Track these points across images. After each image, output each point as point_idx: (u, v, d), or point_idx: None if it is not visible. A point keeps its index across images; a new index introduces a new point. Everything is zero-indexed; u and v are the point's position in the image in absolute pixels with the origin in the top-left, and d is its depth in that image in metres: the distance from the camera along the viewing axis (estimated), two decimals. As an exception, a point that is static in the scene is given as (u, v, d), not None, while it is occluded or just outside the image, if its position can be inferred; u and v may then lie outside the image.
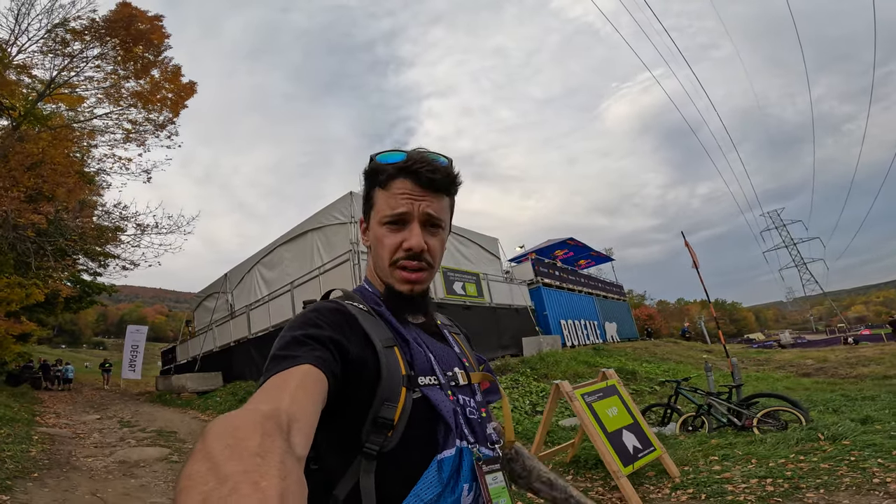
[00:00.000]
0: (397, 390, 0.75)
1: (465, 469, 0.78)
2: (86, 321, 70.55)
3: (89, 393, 18.47)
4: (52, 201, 11.31)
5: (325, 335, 0.72)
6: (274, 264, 12.97)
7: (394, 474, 0.73)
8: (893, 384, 10.03)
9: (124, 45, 14.25)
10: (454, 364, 0.89)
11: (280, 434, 0.46)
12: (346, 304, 0.83)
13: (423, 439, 0.77)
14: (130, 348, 20.46)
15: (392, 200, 0.85)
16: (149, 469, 5.36)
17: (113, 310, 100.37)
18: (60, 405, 12.90)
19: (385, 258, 0.86)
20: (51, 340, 53.03)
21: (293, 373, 0.63)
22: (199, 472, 0.36)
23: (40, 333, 21.56)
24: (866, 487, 3.26)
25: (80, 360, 54.13)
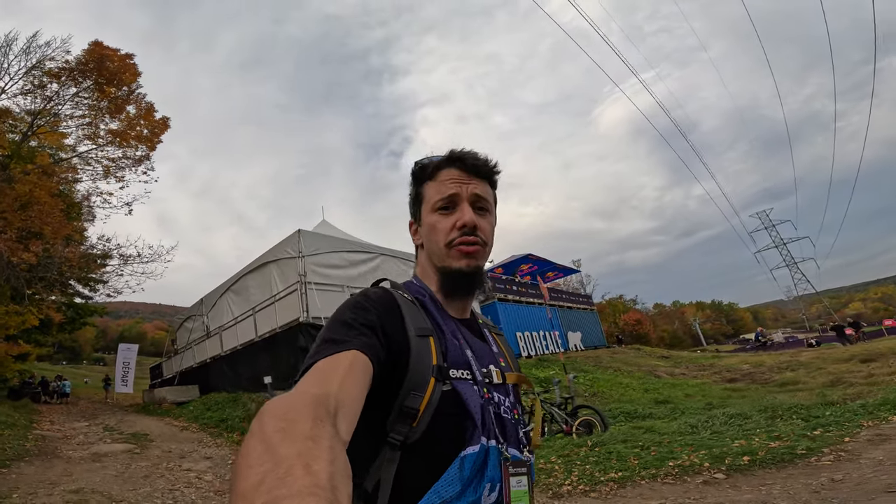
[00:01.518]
0: (426, 380, 0.77)
1: (490, 469, 0.78)
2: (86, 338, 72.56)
3: (84, 405, 20.37)
4: (41, 238, 13.14)
5: (373, 320, 0.77)
6: (240, 291, 14.83)
7: (417, 467, 0.74)
8: (789, 390, 11.71)
9: (98, 85, 16.00)
10: (490, 361, 0.91)
11: (329, 419, 0.50)
12: (392, 291, 0.89)
13: (449, 433, 0.77)
14: (122, 364, 22.45)
15: (441, 187, 0.92)
16: (113, 458, 7.19)
17: (113, 326, 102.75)
18: (56, 415, 14.77)
19: (440, 241, 0.91)
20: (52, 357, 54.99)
21: (342, 357, 0.66)
22: (257, 453, 0.40)
23: (39, 352, 23.48)
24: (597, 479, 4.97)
25: (81, 375, 55.76)
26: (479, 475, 0.76)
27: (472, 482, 0.75)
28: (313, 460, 0.39)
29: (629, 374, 16.91)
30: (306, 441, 0.42)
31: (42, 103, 15.52)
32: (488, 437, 0.79)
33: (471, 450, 0.76)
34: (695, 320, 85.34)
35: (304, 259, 12.16)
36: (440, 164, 0.94)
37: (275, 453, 0.39)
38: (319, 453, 0.41)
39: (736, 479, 4.49)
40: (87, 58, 15.59)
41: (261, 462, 0.38)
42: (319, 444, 0.42)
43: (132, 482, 5.54)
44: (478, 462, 0.76)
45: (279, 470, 0.37)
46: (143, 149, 17.45)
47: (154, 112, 17.85)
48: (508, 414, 0.87)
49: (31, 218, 13.04)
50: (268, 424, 0.44)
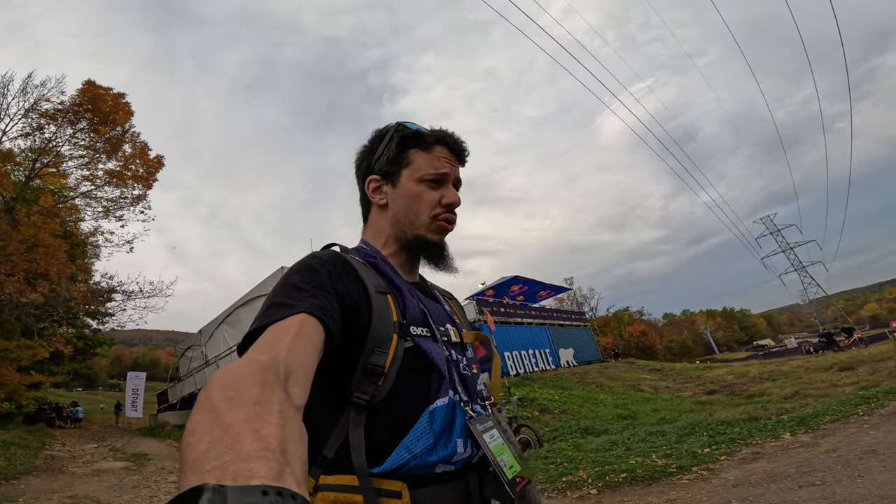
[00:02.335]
0: (389, 336, 0.77)
1: (459, 423, 0.79)
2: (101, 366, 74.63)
3: (96, 429, 21.62)
4: (47, 278, 14.49)
5: (323, 281, 0.75)
6: (234, 323, 16.11)
7: (384, 426, 0.74)
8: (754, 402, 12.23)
9: (92, 125, 17.26)
10: (446, 320, 0.93)
11: (278, 384, 0.49)
12: (343, 254, 0.88)
13: (415, 389, 0.78)
14: (132, 391, 23.71)
15: (435, 161, 0.95)
16: (111, 473, 8.33)
17: (127, 353, 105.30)
18: (68, 438, 16.00)
19: (424, 212, 0.94)
20: (68, 384, 56.84)
21: (291, 322, 0.65)
22: (204, 422, 0.39)
23: (53, 380, 24.89)
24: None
25: (97, 401, 57.18)
26: (449, 428, 0.77)
27: (443, 435, 0.76)
28: (262, 425, 0.39)
29: (610, 389, 17.40)
30: (254, 406, 0.42)
31: (41, 145, 16.80)
32: (454, 391, 0.81)
33: (440, 402, 0.77)
34: (706, 328, 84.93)
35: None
36: (437, 138, 0.96)
37: (222, 421, 0.39)
38: (269, 418, 0.40)
39: (604, 495, 4.87)
40: (81, 98, 16.85)
41: (209, 431, 0.38)
42: (268, 408, 0.42)
43: (121, 491, 6.67)
44: (447, 415, 0.77)
45: (227, 437, 0.37)
46: (140, 188, 18.73)
47: (148, 151, 19.19)
48: (467, 370, 0.88)
49: (37, 260, 14.42)
50: (214, 394, 0.44)
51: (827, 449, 5.03)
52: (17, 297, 13.28)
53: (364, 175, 1.00)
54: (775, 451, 5.42)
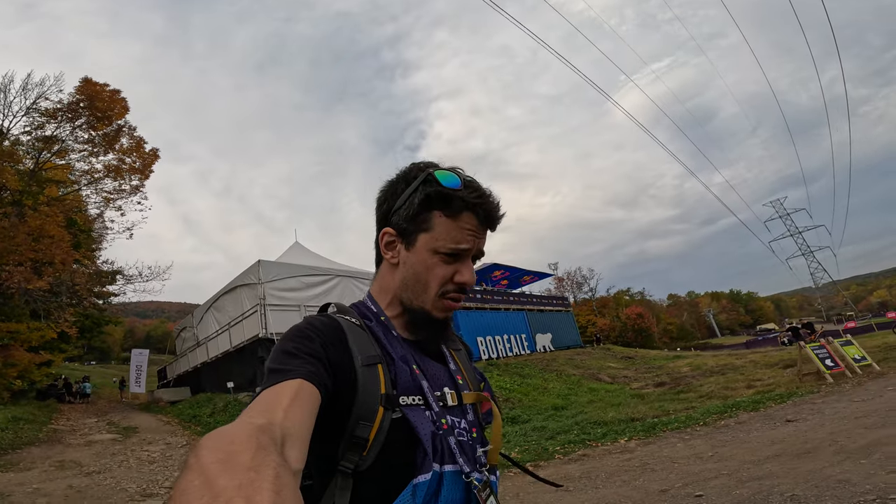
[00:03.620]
0: (374, 409, 0.78)
1: (446, 494, 0.79)
2: (114, 339, 78.14)
3: (102, 404, 23.87)
4: (52, 266, 16.32)
5: (316, 349, 0.76)
6: (220, 308, 17.91)
7: (370, 495, 0.76)
8: (680, 398, 13.43)
9: (90, 123, 18.66)
10: (444, 383, 0.92)
11: (274, 448, 0.48)
12: (337, 318, 0.87)
13: (400, 461, 0.78)
14: (135, 367, 25.90)
15: (458, 234, 0.89)
16: (100, 444, 10.15)
17: (140, 326, 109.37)
18: (74, 413, 18.11)
19: (432, 288, 0.90)
20: (81, 358, 60.06)
21: (286, 386, 0.66)
22: (193, 487, 0.37)
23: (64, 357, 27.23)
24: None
25: (111, 375, 60.01)
26: (433, 502, 0.78)
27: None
28: (255, 492, 0.37)
29: (567, 378, 18.56)
30: (248, 472, 0.40)
31: (44, 140, 18.31)
32: (441, 463, 0.80)
33: (422, 478, 0.77)
34: (709, 311, 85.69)
35: (263, 285, 15.05)
36: (466, 205, 0.89)
37: (213, 486, 0.37)
38: (262, 484, 0.39)
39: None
40: (78, 95, 18.17)
41: (198, 497, 0.36)
42: (263, 474, 0.40)
43: (101, 457, 8.45)
44: (431, 489, 0.77)
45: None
46: (137, 179, 20.39)
47: (144, 144, 20.71)
48: (465, 436, 0.87)
49: (43, 249, 16.24)
50: (205, 457, 0.42)
51: (629, 458, 6.13)
52: (24, 285, 15.17)
53: (381, 222, 0.97)
54: (596, 455, 6.29)
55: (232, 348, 16.14)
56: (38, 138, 18.60)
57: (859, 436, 5.52)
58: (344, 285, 17.46)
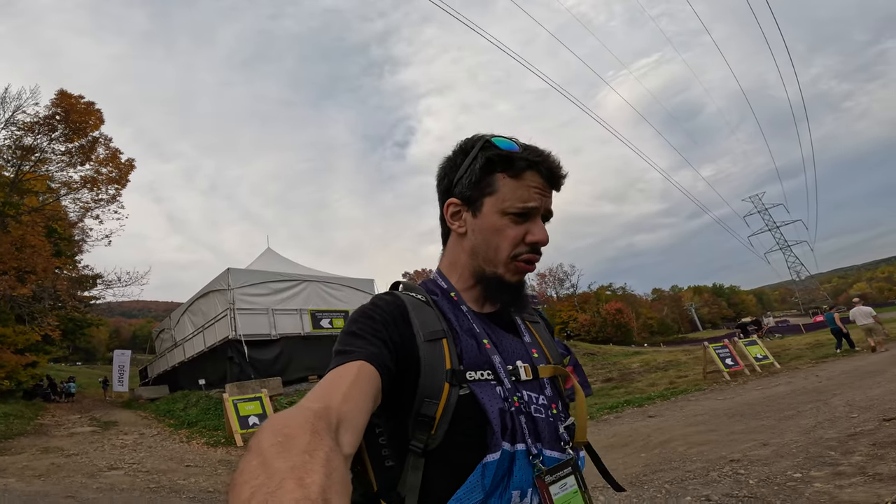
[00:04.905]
0: (439, 386, 0.78)
1: (518, 474, 0.78)
2: (99, 339, 79.07)
3: (86, 402, 25.27)
4: (35, 273, 17.67)
5: (378, 329, 0.79)
6: (195, 312, 19.35)
7: (441, 474, 0.76)
8: (609, 394, 14.90)
9: (66, 135, 19.89)
10: (518, 357, 0.90)
11: (328, 432, 0.51)
12: (402, 295, 0.90)
13: (469, 439, 0.78)
14: (118, 367, 27.25)
15: (524, 192, 0.88)
16: (80, 435, 11.63)
17: (126, 326, 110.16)
18: (59, 411, 19.53)
19: (504, 250, 0.90)
20: (67, 359, 61.08)
21: (348, 369, 0.69)
22: (251, 468, 0.41)
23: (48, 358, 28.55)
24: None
25: (96, 375, 60.89)
26: (504, 482, 0.77)
27: (497, 490, 0.76)
28: (307, 473, 0.40)
29: None
30: (302, 455, 0.43)
31: (23, 152, 19.44)
32: (513, 441, 0.78)
33: (491, 457, 0.76)
34: (691, 305, 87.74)
35: (232, 291, 16.52)
36: (529, 164, 0.89)
37: (268, 467, 0.41)
38: (314, 466, 0.42)
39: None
40: (54, 108, 19.34)
41: (254, 476, 0.40)
42: (315, 457, 0.43)
43: (80, 444, 9.95)
44: (501, 468, 0.76)
45: (271, 483, 0.38)
46: (114, 189, 21.69)
47: (120, 155, 22.08)
48: (542, 412, 0.85)
49: (25, 258, 17.60)
50: (265, 440, 0.46)
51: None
52: (9, 292, 16.54)
53: (444, 195, 0.97)
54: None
55: (206, 349, 17.60)
56: (19, 147, 19.82)
57: (674, 431, 7.16)
58: (311, 290, 18.95)
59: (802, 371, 11.76)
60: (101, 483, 6.41)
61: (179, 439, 10.68)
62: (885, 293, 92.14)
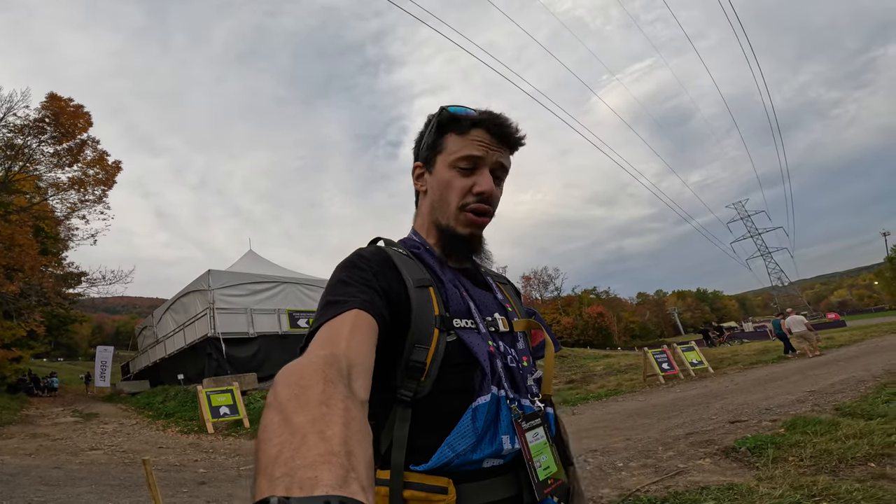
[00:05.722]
0: (429, 332, 0.80)
1: (505, 419, 0.81)
2: (81, 335, 79.33)
3: (69, 397, 26.15)
4: (22, 272, 18.58)
5: (368, 277, 0.81)
6: (177, 310, 20.38)
7: (429, 423, 0.78)
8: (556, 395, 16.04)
9: (55, 138, 20.82)
10: (495, 310, 0.95)
11: (341, 380, 0.52)
12: (384, 248, 0.94)
13: (458, 385, 0.80)
14: (100, 363, 28.16)
15: (468, 145, 0.94)
16: (64, 424, 12.67)
17: (109, 322, 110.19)
18: (42, 404, 20.46)
19: (453, 201, 0.95)
20: (49, 354, 61.52)
21: (344, 318, 0.70)
22: (273, 424, 0.43)
23: (32, 353, 29.37)
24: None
25: (78, 371, 61.42)
26: (494, 425, 0.80)
27: (487, 433, 0.79)
28: (327, 426, 0.41)
29: None
30: (320, 406, 0.44)
31: (13, 153, 20.38)
32: (498, 387, 0.82)
33: (482, 399, 0.79)
34: (674, 310, 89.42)
35: (212, 291, 17.59)
36: (473, 121, 0.95)
37: (289, 423, 0.42)
38: (333, 417, 0.43)
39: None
40: (44, 111, 20.24)
41: (278, 433, 0.41)
42: (332, 407, 0.44)
43: (64, 431, 11.02)
44: (490, 412, 0.79)
45: (294, 440, 0.40)
46: (100, 190, 22.61)
47: (107, 157, 23.01)
48: (516, 363, 0.89)
49: (14, 257, 18.52)
50: (281, 393, 0.47)
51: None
52: (-3, 290, 17.48)
53: (414, 161, 1.05)
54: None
55: (185, 345, 18.64)
56: (9, 148, 20.70)
57: (580, 425, 8.35)
58: (289, 291, 20.05)
59: (729, 376, 13.03)
60: (82, 459, 7.52)
61: (156, 428, 11.77)
62: (864, 300, 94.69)
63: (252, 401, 13.60)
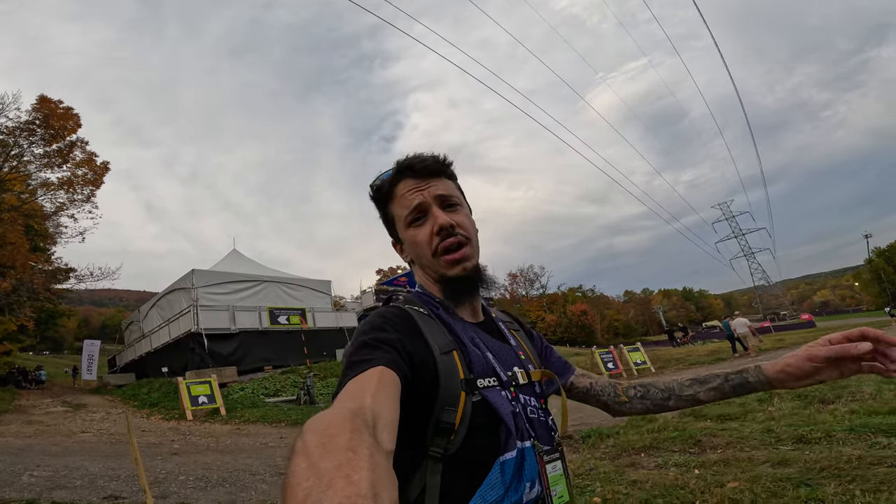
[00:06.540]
0: (456, 394, 0.85)
1: (528, 468, 0.88)
2: (67, 329, 79.85)
3: (56, 389, 27.23)
4: (14, 269, 19.70)
5: (392, 338, 0.84)
6: (162, 307, 21.62)
7: (459, 475, 0.83)
8: None
9: (45, 139, 21.97)
10: (514, 363, 1.00)
11: (367, 430, 0.54)
12: (407, 309, 0.96)
13: (485, 441, 0.86)
14: (87, 357, 29.18)
15: (404, 201, 1.00)
16: (55, 413, 13.89)
17: (95, 315, 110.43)
18: (32, 396, 21.63)
19: (426, 253, 0.99)
20: (35, 348, 62.27)
21: (370, 374, 0.73)
22: (301, 469, 0.44)
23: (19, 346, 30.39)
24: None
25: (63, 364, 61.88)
26: (518, 476, 0.86)
27: (513, 483, 0.85)
28: (354, 471, 0.42)
29: None
30: (346, 452, 0.45)
31: (4, 154, 21.56)
32: (522, 439, 0.88)
33: (508, 455, 0.86)
34: (659, 308, 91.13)
35: (196, 290, 18.82)
36: (393, 180, 1.01)
37: (317, 468, 0.43)
38: (359, 463, 0.44)
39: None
40: (35, 113, 21.32)
41: (306, 478, 0.42)
42: (359, 454, 0.46)
43: (56, 419, 12.27)
44: (516, 465, 0.86)
45: (322, 484, 0.40)
46: (89, 190, 23.75)
47: (95, 157, 24.15)
48: (536, 413, 0.96)
49: (6, 255, 19.64)
50: (310, 441, 0.48)
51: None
52: (-10, 286, 18.62)
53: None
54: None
55: (170, 340, 19.88)
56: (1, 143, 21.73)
57: None
58: (270, 289, 21.34)
59: (656, 376, 14.47)
60: (75, 440, 8.83)
61: (141, 416, 13.05)
62: (846, 300, 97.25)
63: (231, 392, 14.91)
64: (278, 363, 19.02)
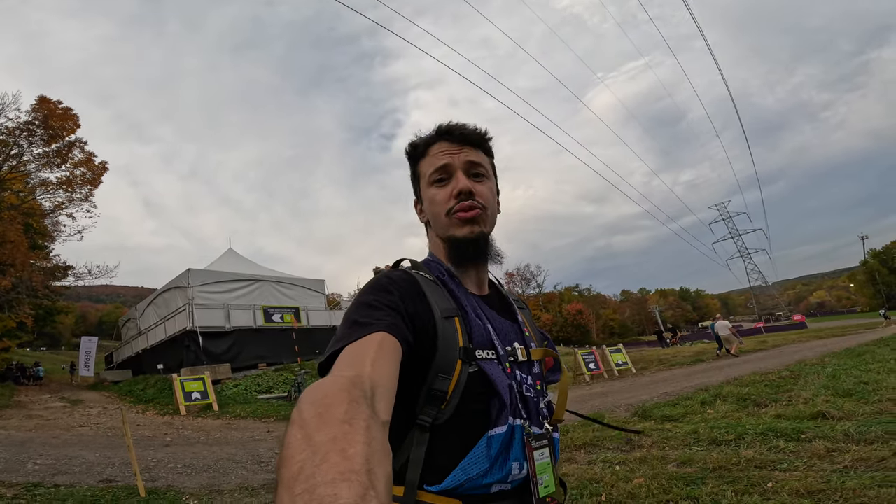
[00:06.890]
0: (453, 362, 0.84)
1: (517, 447, 0.86)
2: (65, 325, 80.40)
3: (54, 386, 27.84)
4: (13, 267, 20.24)
5: (395, 301, 0.84)
6: (158, 305, 22.15)
7: (445, 446, 0.83)
8: None
9: (44, 139, 22.47)
10: (514, 339, 0.99)
11: (365, 400, 0.53)
12: (413, 273, 0.96)
13: (476, 413, 0.85)
14: (84, 353, 29.71)
15: (434, 160, 1.02)
16: (54, 408, 14.46)
17: (93, 311, 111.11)
18: (30, 392, 22.20)
19: (441, 212, 1.01)
20: (32, 344, 62.81)
21: (370, 339, 0.73)
22: (296, 441, 0.44)
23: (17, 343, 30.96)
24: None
25: (60, 360, 62.34)
26: (506, 453, 0.85)
27: (499, 460, 0.84)
28: (349, 444, 0.42)
29: None
30: (342, 425, 0.45)
31: (4, 154, 22.07)
32: (514, 417, 0.87)
33: (498, 430, 0.85)
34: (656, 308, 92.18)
35: (191, 289, 19.37)
36: (430, 140, 1.04)
37: (312, 441, 0.43)
38: (355, 436, 0.44)
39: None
40: (34, 114, 21.80)
41: (300, 451, 0.42)
42: (355, 426, 0.46)
43: (55, 414, 12.84)
44: (504, 441, 0.85)
45: (316, 458, 0.40)
46: (87, 189, 24.28)
47: (94, 157, 24.67)
48: (531, 392, 0.95)
49: (6, 253, 20.17)
50: (305, 411, 0.48)
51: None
52: (-10, 284, 19.16)
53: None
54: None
55: (166, 338, 20.43)
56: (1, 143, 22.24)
57: None
58: (265, 288, 21.88)
59: (636, 376, 14.94)
60: (74, 433, 9.40)
61: (137, 411, 13.61)
62: (842, 301, 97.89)
63: (224, 388, 15.48)
64: (272, 361, 19.53)
